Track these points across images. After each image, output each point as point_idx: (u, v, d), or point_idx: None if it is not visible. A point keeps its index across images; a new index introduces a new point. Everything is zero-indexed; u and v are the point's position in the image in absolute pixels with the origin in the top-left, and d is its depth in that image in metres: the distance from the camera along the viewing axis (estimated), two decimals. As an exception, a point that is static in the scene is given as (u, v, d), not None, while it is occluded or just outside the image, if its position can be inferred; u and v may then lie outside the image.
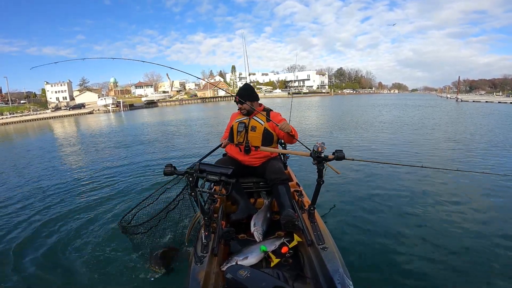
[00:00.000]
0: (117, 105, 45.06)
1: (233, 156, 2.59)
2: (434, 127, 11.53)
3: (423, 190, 4.17)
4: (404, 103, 32.84)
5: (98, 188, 4.81)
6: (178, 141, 9.91)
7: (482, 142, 7.82)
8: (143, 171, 5.82)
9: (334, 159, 1.81)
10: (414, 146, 7.58)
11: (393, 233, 2.95)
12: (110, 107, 42.75)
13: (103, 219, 3.51)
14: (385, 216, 3.35)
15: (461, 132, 9.88)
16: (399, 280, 2.27)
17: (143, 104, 52.10)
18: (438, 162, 5.83)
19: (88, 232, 3.22)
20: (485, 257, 2.52)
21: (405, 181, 4.57)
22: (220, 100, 61.25)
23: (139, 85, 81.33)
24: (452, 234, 2.90)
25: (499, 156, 6.17)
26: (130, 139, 10.96)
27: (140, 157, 7.36)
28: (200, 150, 7.96)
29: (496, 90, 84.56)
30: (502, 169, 5.20)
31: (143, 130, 14.50)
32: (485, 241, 2.77)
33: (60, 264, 2.67)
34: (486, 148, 7.07)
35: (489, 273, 2.33)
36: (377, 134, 10.03)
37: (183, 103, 56.66)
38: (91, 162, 7.00)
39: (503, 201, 3.71)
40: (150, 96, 62.92)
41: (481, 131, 10.19)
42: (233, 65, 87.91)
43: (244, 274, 1.50)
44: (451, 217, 3.28)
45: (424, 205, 3.62)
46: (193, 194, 1.80)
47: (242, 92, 2.60)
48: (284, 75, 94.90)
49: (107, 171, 5.97)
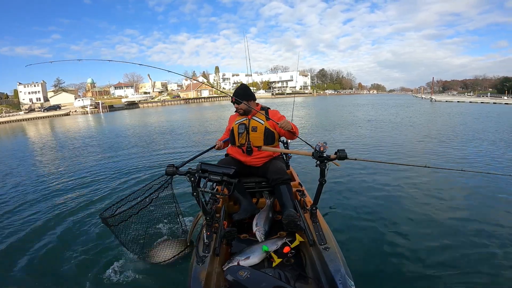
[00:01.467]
0: (95, 106, 43.41)
1: (235, 157, 2.57)
2: (425, 126, 12.01)
3: (426, 190, 4.15)
4: (385, 103, 34.09)
5: (76, 192, 4.62)
6: (165, 143, 9.74)
7: (472, 141, 8.06)
8: (129, 173, 5.70)
9: (337, 158, 1.82)
10: (410, 145, 7.65)
11: (395, 233, 2.93)
12: (88, 109, 41.10)
13: (83, 220, 3.45)
14: (387, 216, 3.32)
15: (454, 131, 10.16)
16: (401, 280, 2.25)
17: (123, 105, 50.54)
18: (439, 162, 5.79)
19: (73, 233, 3.17)
20: (487, 258, 2.48)
21: (408, 181, 4.54)
22: (204, 101, 60.63)
23: (119, 85, 78.82)
24: (455, 234, 2.89)
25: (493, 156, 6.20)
26: (114, 142, 10.61)
27: (126, 159, 7.19)
28: (188, 151, 7.90)
29: (468, 91, 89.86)
30: (501, 168, 5.27)
31: (125, 132, 14.07)
32: (489, 242, 2.72)
33: (48, 266, 2.60)
34: (478, 147, 7.21)
35: (494, 275, 2.29)
36: (367, 132, 10.35)
37: (165, 104, 55.53)
38: (70, 167, 6.65)
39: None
40: (131, 97, 61.15)
41: (467, 130, 10.48)
42: (216, 66, 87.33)
43: (244, 275, 1.51)
44: (456, 217, 3.25)
45: (427, 205, 3.60)
46: (195, 194, 1.79)
47: (239, 92, 2.57)
48: (267, 75, 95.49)
49: (87, 175, 5.78)
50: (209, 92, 69.52)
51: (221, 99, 61.76)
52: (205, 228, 1.88)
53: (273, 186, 2.31)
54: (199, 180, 1.81)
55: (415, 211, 3.45)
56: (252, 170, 2.56)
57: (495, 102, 36.33)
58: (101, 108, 42.26)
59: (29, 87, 58.85)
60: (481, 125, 11.99)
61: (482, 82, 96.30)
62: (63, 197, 4.38)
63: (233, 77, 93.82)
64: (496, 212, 3.39)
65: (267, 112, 2.56)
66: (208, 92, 69.61)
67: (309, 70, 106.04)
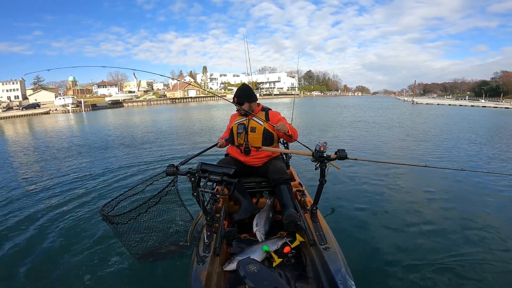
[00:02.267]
0: (77, 105, 41.91)
1: (234, 156, 2.58)
2: (416, 128, 12.45)
3: (426, 189, 4.16)
4: (371, 105, 34.89)
5: (58, 194, 4.47)
6: (156, 142, 9.55)
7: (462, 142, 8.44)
8: (119, 171, 5.55)
9: (337, 158, 1.82)
10: (401, 144, 7.88)
11: (396, 233, 2.94)
12: (69, 107, 39.63)
13: (75, 219, 3.35)
14: (388, 216, 3.34)
15: (441, 132, 10.62)
16: (402, 280, 2.26)
17: (107, 104, 49.07)
18: (440, 161, 5.84)
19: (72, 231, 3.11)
20: (489, 258, 2.49)
21: (408, 180, 4.57)
22: (191, 101, 59.91)
23: (102, 84, 76.58)
24: (456, 234, 2.89)
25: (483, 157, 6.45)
26: (99, 141, 10.29)
27: (114, 158, 6.99)
28: (182, 149, 7.78)
29: (447, 94, 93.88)
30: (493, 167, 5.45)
31: (111, 131, 13.67)
32: (489, 241, 2.73)
33: (45, 267, 2.55)
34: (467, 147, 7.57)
35: (495, 276, 2.29)
36: (358, 132, 10.62)
37: (151, 103, 54.41)
38: (51, 168, 6.38)
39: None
40: (115, 96, 59.50)
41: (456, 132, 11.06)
42: (204, 66, 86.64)
43: (252, 269, 1.51)
44: (456, 217, 3.27)
45: (428, 205, 3.61)
46: (195, 194, 1.78)
47: (240, 93, 2.55)
48: (255, 76, 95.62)
49: (73, 175, 5.59)
50: (196, 92, 68.80)
51: (208, 99, 61.28)
52: (206, 228, 1.88)
53: (274, 186, 2.30)
54: (199, 180, 1.81)
55: (415, 211, 3.45)
56: (252, 169, 2.55)
57: (473, 105, 38.15)
58: (84, 106, 40.81)
59: (7, 84, 56.46)
60: (466, 127, 12.55)
61: (460, 85, 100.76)
62: (47, 198, 4.20)
63: (221, 77, 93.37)
64: (497, 212, 3.41)
65: (267, 113, 2.57)
66: (195, 92, 68.88)
67: (297, 72, 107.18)
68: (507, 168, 5.54)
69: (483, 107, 34.83)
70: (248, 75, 3.64)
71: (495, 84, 73.51)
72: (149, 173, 5.29)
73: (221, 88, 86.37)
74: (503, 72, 75.81)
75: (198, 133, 11.69)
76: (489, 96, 65.07)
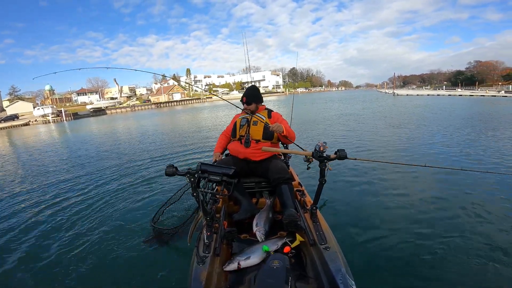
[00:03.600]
0: (58, 114, 40.47)
1: (234, 150, 2.63)
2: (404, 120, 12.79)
3: (426, 188, 4.16)
4: (357, 98, 35.78)
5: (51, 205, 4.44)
6: (149, 150, 9.44)
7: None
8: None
9: (337, 158, 1.82)
10: (405, 143, 7.55)
11: (396, 233, 2.94)
12: (50, 117, 38.21)
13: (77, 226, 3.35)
14: (388, 216, 3.34)
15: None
16: (402, 280, 2.26)
17: (89, 112, 47.65)
18: (441, 161, 5.77)
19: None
20: (490, 258, 2.47)
21: (409, 180, 4.54)
22: (176, 104, 59.13)
23: (82, 92, 74.39)
24: (458, 233, 2.89)
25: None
26: (87, 152, 10.06)
27: (114, 170, 6.89)
28: (182, 155, 7.75)
29: (425, 84, 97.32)
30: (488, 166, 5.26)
31: (96, 141, 13.37)
32: (491, 242, 2.72)
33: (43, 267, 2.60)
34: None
35: (497, 275, 2.27)
36: (350, 128, 10.76)
37: (135, 109, 53.31)
38: (43, 181, 6.30)
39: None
40: (97, 104, 57.78)
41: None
42: (188, 68, 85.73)
43: (275, 265, 1.56)
44: (457, 217, 3.27)
45: (429, 204, 3.61)
46: (195, 195, 1.79)
47: (250, 93, 2.70)
48: (239, 76, 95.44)
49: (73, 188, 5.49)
50: (181, 95, 67.96)
51: (194, 102, 60.69)
52: (205, 228, 1.88)
53: (274, 185, 2.33)
54: (199, 181, 1.81)
55: (416, 210, 3.46)
56: (251, 167, 2.59)
57: (450, 94, 39.79)
58: (65, 116, 39.48)
59: (-20, 96, 53.45)
60: (456, 119, 12.70)
61: (437, 76, 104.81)
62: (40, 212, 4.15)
63: (205, 79, 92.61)
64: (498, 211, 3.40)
65: (270, 112, 2.71)
66: (180, 95, 68.02)
67: (281, 70, 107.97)
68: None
69: (460, 95, 36.37)
70: (248, 73, 4.10)
71: (470, 73, 76.86)
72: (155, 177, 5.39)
73: (206, 89, 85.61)
74: (477, 61, 79.48)
75: (193, 136, 11.64)
76: (465, 85, 67.92)
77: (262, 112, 2.69)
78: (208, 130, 13.08)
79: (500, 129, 9.08)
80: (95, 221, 3.58)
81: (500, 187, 4.05)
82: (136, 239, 3.01)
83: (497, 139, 7.46)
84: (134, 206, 4.01)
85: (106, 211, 3.90)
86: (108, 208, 4.00)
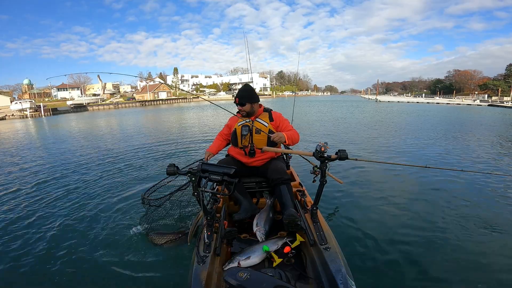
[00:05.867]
0: (36, 109, 38.76)
1: (236, 157, 2.55)
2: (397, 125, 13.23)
3: (426, 190, 4.17)
4: (341, 104, 36.34)
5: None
6: (132, 149, 9.29)
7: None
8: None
9: (337, 159, 1.81)
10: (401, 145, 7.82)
11: (396, 233, 2.94)
12: (28, 112, 36.52)
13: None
14: (388, 216, 3.34)
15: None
16: (402, 280, 2.26)
17: (69, 108, 45.91)
18: (442, 162, 5.87)
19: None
20: (494, 260, 2.48)
21: (408, 181, 4.56)
22: (162, 103, 58.16)
23: (63, 87, 71.54)
24: (457, 233, 2.91)
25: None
26: (66, 149, 9.77)
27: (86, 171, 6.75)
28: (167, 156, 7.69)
29: (406, 92, 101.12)
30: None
31: (77, 136, 12.95)
32: (493, 243, 2.73)
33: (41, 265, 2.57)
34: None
35: (497, 275, 2.29)
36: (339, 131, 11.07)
37: (119, 107, 51.92)
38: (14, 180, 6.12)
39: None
40: (78, 100, 55.74)
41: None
42: (175, 67, 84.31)
43: (244, 276, 1.51)
44: (458, 217, 3.28)
45: (428, 206, 3.62)
46: (196, 194, 1.79)
47: (243, 94, 2.48)
48: (227, 77, 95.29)
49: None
50: (167, 94, 66.94)
51: (180, 101, 59.92)
52: (206, 228, 1.88)
53: (273, 186, 2.31)
54: (200, 180, 1.81)
55: (416, 211, 3.47)
56: (252, 170, 2.56)
57: (429, 102, 41.59)
58: (43, 111, 37.88)
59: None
60: (432, 123, 13.55)
61: (418, 84, 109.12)
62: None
63: (192, 79, 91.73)
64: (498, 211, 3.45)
65: (270, 114, 2.55)
66: (166, 94, 67.00)
67: (269, 72, 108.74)
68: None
69: (437, 103, 38.13)
70: (248, 74, 3.82)
71: (449, 82, 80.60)
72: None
73: (193, 89, 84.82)
74: (455, 70, 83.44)
75: (184, 133, 11.56)
76: (443, 93, 71.23)
77: (262, 115, 2.53)
78: (194, 133, 13.00)
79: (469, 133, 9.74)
80: (87, 223, 3.43)
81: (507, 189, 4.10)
82: (136, 239, 2.99)
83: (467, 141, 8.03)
84: (121, 206, 3.90)
85: (95, 212, 3.74)
86: (101, 207, 3.89)
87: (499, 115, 19.20)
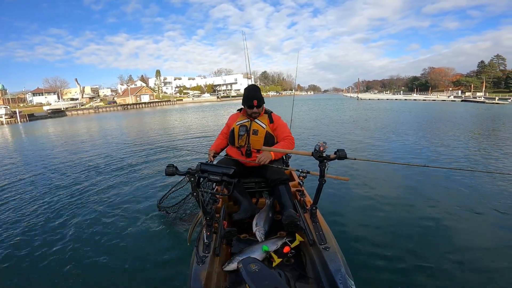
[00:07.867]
0: (12, 115, 36.88)
1: (234, 157, 2.54)
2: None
3: (424, 189, 4.19)
4: (328, 102, 37.18)
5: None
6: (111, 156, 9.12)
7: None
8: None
9: (336, 158, 1.79)
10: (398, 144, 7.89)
11: (396, 233, 2.94)
12: (3, 118, 34.67)
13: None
14: (387, 216, 3.34)
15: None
16: (401, 280, 2.26)
17: (46, 114, 44.00)
18: (441, 161, 5.86)
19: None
20: (496, 260, 2.48)
21: (407, 180, 4.58)
22: (144, 106, 56.93)
23: (38, 92, 68.17)
24: (457, 233, 2.91)
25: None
26: (47, 157, 9.45)
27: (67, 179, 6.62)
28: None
29: (385, 89, 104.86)
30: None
31: (55, 143, 12.52)
32: (495, 243, 2.72)
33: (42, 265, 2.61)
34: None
35: (497, 275, 2.30)
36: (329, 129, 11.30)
37: (99, 111, 50.31)
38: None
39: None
40: (55, 104, 53.53)
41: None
42: (157, 70, 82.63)
43: (253, 268, 1.52)
44: (458, 217, 3.29)
45: (427, 205, 3.63)
46: (195, 194, 1.78)
47: (259, 96, 2.45)
48: (211, 79, 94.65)
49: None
50: (149, 97, 65.62)
51: (164, 104, 58.94)
52: (205, 228, 1.87)
53: (272, 186, 2.33)
54: (199, 180, 1.81)
55: (415, 210, 3.48)
56: (250, 170, 2.56)
57: (406, 99, 43.40)
58: (19, 117, 36.09)
59: None
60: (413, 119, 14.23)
61: (396, 82, 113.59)
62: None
63: (176, 81, 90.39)
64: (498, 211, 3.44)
65: (270, 116, 2.55)
66: (148, 97, 65.67)
67: (253, 73, 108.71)
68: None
69: (415, 100, 39.86)
70: (248, 76, 3.89)
71: (424, 79, 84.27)
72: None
73: (176, 92, 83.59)
74: (430, 68, 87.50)
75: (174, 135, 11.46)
76: (420, 90, 74.37)
77: (262, 116, 2.52)
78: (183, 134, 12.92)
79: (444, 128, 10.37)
80: (87, 227, 3.44)
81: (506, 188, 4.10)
82: (136, 240, 3.02)
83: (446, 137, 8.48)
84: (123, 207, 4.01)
85: (92, 215, 3.78)
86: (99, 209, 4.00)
87: (472, 110, 20.53)
